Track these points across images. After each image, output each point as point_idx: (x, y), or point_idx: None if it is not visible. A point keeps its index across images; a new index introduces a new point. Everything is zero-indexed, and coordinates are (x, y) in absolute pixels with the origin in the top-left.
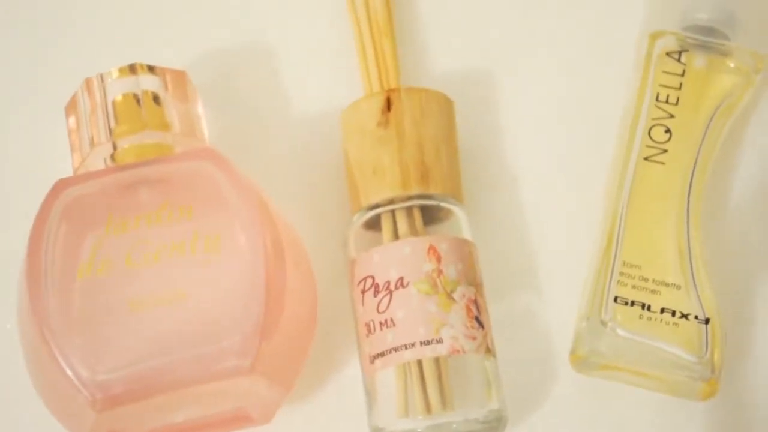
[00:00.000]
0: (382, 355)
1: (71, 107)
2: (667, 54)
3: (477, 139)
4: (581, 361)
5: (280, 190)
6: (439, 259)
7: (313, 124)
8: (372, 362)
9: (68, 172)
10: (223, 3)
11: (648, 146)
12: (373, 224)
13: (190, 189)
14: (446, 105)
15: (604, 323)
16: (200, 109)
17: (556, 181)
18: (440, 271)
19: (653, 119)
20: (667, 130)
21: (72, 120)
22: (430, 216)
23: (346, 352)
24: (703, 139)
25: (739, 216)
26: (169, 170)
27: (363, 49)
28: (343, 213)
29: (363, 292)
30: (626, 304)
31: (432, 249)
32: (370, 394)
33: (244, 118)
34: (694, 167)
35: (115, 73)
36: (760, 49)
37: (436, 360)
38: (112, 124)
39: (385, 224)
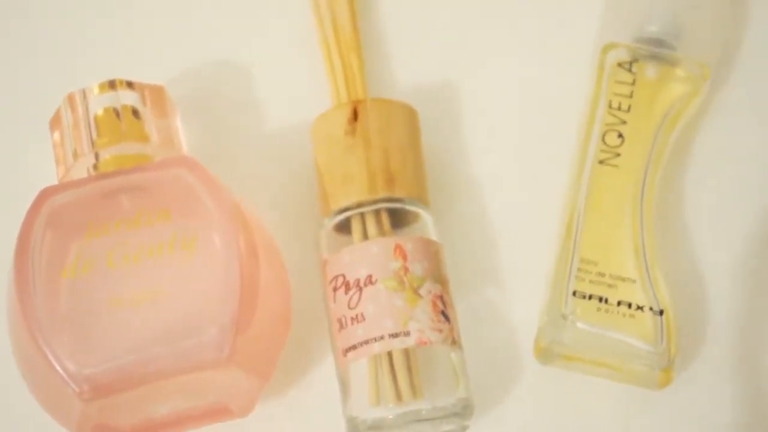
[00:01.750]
0: (354, 348)
1: (55, 122)
2: (619, 65)
3: (441, 145)
4: (544, 352)
5: (255, 198)
6: (405, 258)
7: (285, 135)
8: (344, 355)
9: (53, 183)
10: (198, 23)
11: (602, 150)
12: (344, 227)
13: (168, 194)
14: (410, 114)
15: (564, 316)
16: (178, 122)
17: (517, 184)
18: (406, 269)
19: (607, 125)
20: (620, 135)
21: (56, 134)
22: (399, 220)
23: (320, 347)
24: (653, 143)
25: (691, 214)
26: (147, 178)
27: (331, 62)
28: (315, 217)
29: (335, 290)
30: (584, 297)
31: (398, 248)
32: (343, 386)
33: (220, 130)
34: (647, 169)
35: (96, 89)
36: (707, 59)
37: (405, 351)
38: (94, 136)
39: (355, 227)
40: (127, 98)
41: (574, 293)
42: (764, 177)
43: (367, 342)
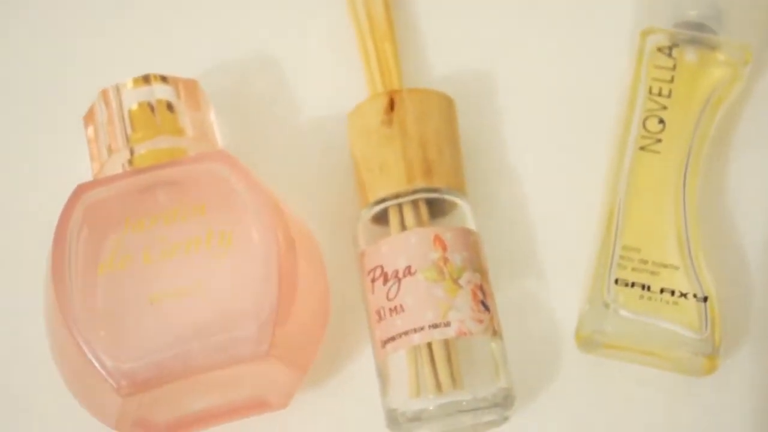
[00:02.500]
0: (392, 339)
1: (89, 117)
2: (659, 49)
3: (479, 134)
4: (586, 341)
5: (291, 191)
6: (444, 248)
7: (321, 127)
8: (383, 347)
9: (89, 179)
10: (231, 16)
11: (643, 136)
12: (381, 219)
13: (204, 189)
14: (447, 103)
15: (606, 304)
16: (212, 116)
17: (557, 171)
18: (446, 259)
19: (647, 111)
20: (661, 121)
21: (90, 130)
22: (437, 210)
23: (358, 340)
24: (695, 128)
25: (735, 200)
26: (183, 172)
27: (366, 53)
28: (353, 209)
29: (373, 281)
30: (627, 285)
31: (437, 238)
32: (382, 378)
33: (254, 124)
34: (689, 155)
35: (130, 84)
36: (748, 43)
37: (445, 342)
38: (129, 131)
39: (393, 217)
40: (162, 92)
41: (617, 281)
42: None
43: (406, 333)
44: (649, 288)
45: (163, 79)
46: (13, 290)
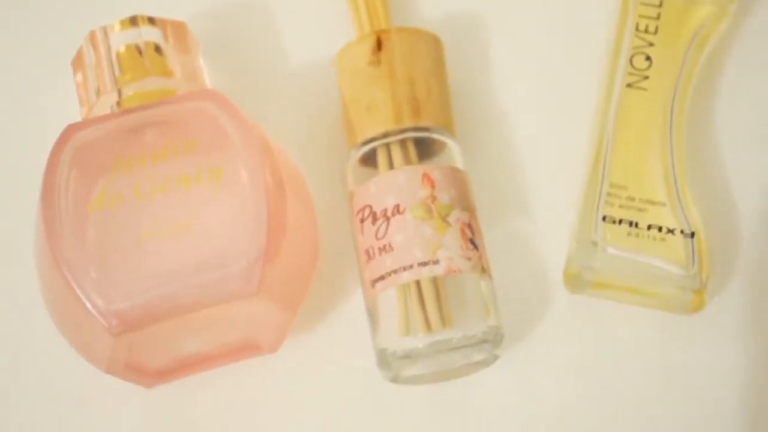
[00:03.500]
0: (382, 278)
1: (77, 62)
2: None
3: (467, 75)
4: (574, 280)
5: (280, 133)
6: (432, 186)
7: (310, 69)
8: (373, 286)
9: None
10: None
11: (630, 73)
12: (370, 160)
13: (193, 127)
14: (435, 43)
15: (594, 242)
16: (201, 59)
17: (544, 111)
18: (434, 197)
19: (634, 48)
20: (648, 58)
21: (79, 75)
22: (425, 150)
23: (348, 281)
24: (682, 65)
25: (722, 137)
26: (172, 111)
27: None
28: (341, 151)
29: (362, 221)
30: (614, 222)
31: (426, 176)
32: (372, 318)
33: (243, 67)
34: (675, 91)
35: (118, 26)
36: None
37: (434, 280)
38: (117, 73)
39: (381, 157)
40: (149, 34)
41: (604, 218)
42: None
43: (395, 272)
44: (636, 225)
45: (151, 21)
46: (3, 233)
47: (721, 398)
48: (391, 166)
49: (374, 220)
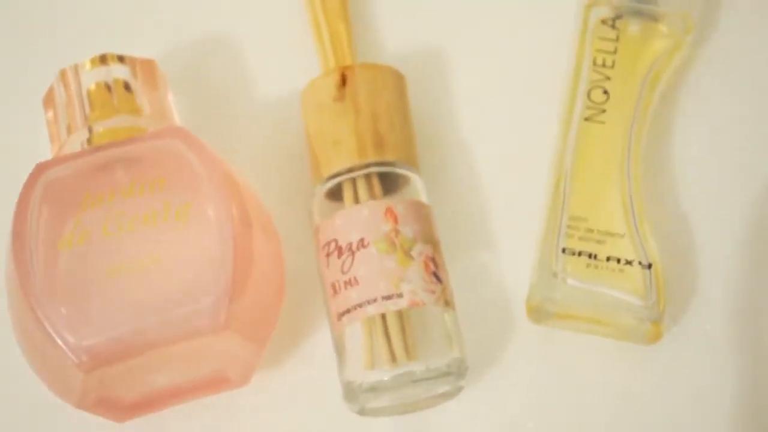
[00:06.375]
0: (348, 312)
1: (48, 99)
2: (602, 21)
3: (430, 110)
4: (536, 311)
5: (247, 168)
6: (396, 220)
7: (276, 105)
8: (339, 319)
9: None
10: None
11: (588, 107)
12: (335, 195)
13: (162, 165)
14: (398, 78)
15: (554, 274)
16: (170, 96)
17: (506, 145)
18: (397, 231)
19: (592, 82)
20: (605, 92)
21: (50, 113)
22: (390, 184)
23: (315, 315)
24: (639, 98)
25: (679, 168)
26: (141, 148)
27: (319, 30)
28: (307, 185)
29: (328, 255)
30: (574, 254)
31: (389, 210)
32: (339, 351)
33: (211, 103)
34: (633, 124)
35: (88, 65)
36: (690, 13)
37: (399, 314)
38: (87, 111)
39: (347, 192)
40: (119, 72)
41: (564, 250)
42: (750, 128)
43: (360, 305)
44: (595, 256)
45: (120, 59)
46: None
47: (680, 425)
48: (356, 200)
49: (340, 254)
